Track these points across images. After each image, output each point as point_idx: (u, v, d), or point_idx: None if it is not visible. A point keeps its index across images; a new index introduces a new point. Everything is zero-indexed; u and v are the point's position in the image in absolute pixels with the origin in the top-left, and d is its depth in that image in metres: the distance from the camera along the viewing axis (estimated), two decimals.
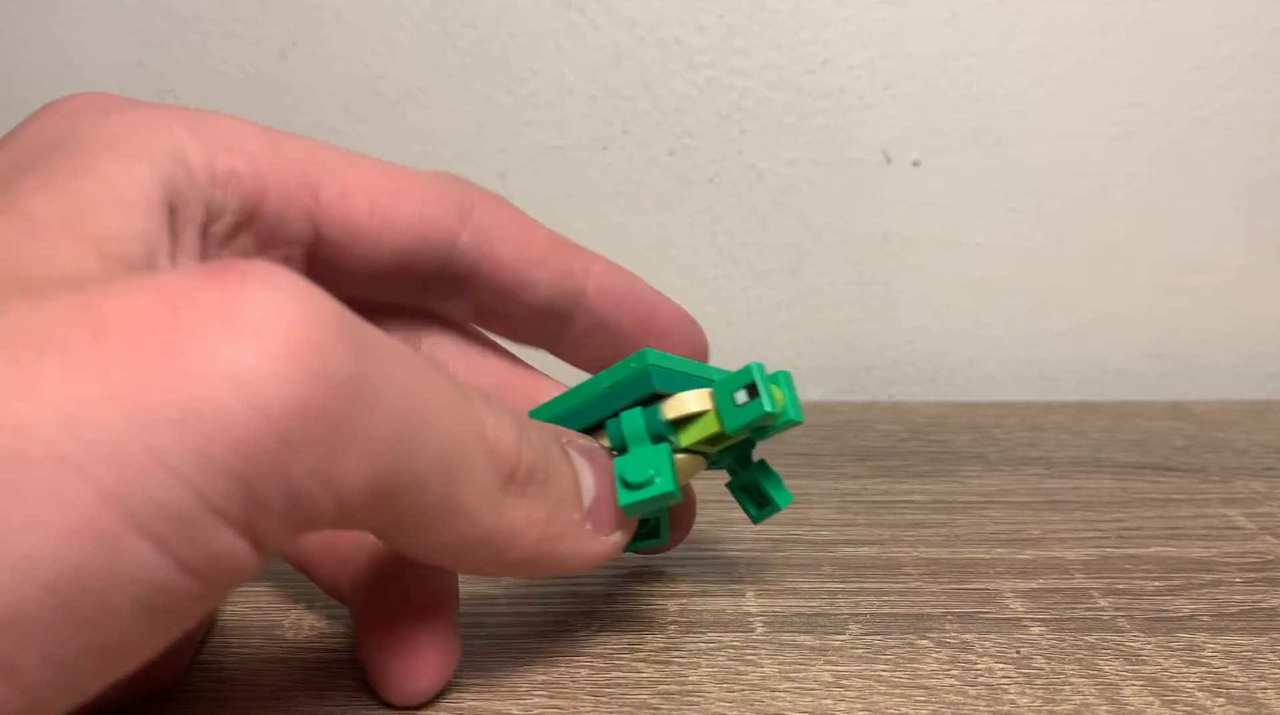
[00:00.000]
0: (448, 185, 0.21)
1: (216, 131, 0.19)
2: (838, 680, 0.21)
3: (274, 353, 0.13)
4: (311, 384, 0.13)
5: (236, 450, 0.13)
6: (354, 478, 0.14)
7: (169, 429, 0.12)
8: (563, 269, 0.22)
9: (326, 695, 0.20)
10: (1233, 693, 0.20)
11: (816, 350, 0.42)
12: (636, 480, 0.20)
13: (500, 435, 0.17)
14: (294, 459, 0.13)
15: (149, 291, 0.13)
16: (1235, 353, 0.42)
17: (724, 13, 0.38)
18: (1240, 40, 0.39)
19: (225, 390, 0.13)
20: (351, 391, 0.14)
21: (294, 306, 0.14)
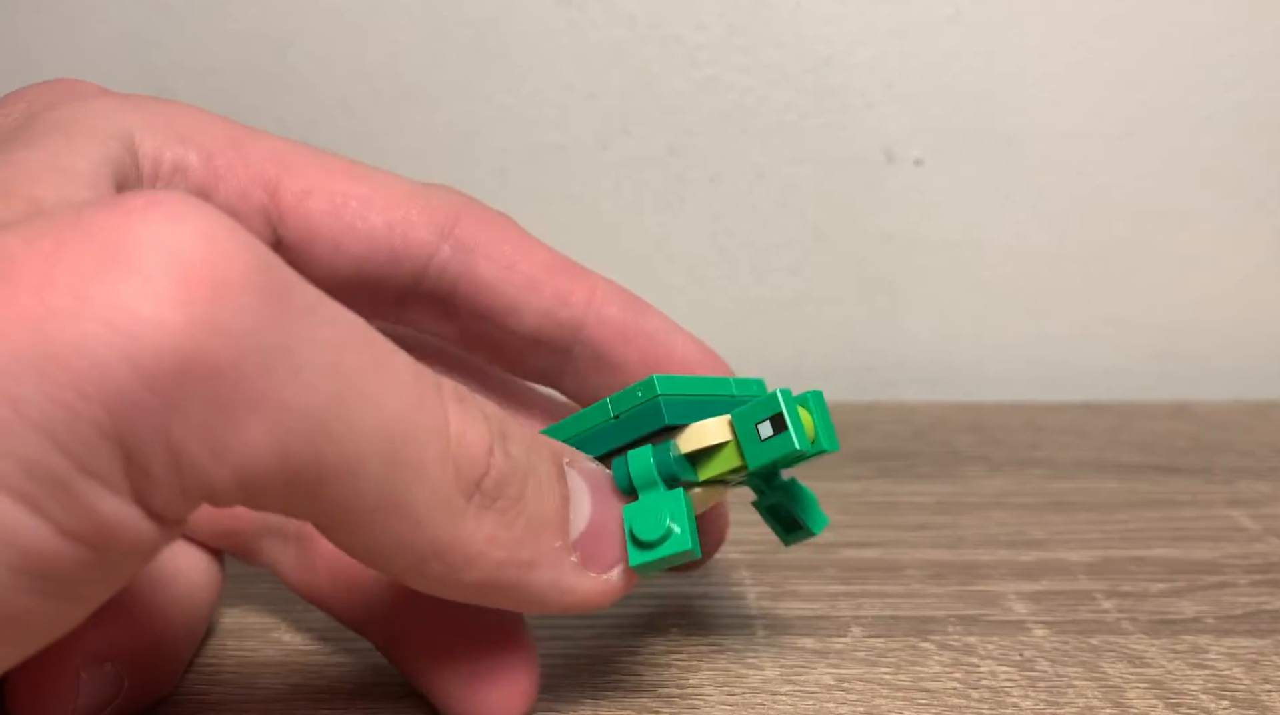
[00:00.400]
0: (432, 195, 0.20)
1: (174, 123, 0.18)
2: (840, 683, 0.21)
3: (159, 295, 0.11)
4: (201, 335, 0.12)
5: (105, 404, 0.11)
6: (254, 452, 0.13)
7: (30, 377, 0.11)
8: (557, 296, 0.20)
9: (324, 699, 0.20)
10: (1237, 695, 0.20)
11: (818, 350, 0.42)
12: (648, 537, 0.17)
13: (467, 434, 0.15)
14: (174, 420, 0.12)
15: (44, 223, 0.12)
16: (1240, 353, 0.42)
17: (725, 10, 0.38)
18: (1243, 39, 0.38)
19: (95, 335, 0.11)
20: (259, 350, 0.12)
21: (198, 243, 0.12)
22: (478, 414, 0.16)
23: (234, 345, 0.12)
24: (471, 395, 0.16)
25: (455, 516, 0.15)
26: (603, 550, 0.17)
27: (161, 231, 0.12)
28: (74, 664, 0.18)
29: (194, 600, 0.20)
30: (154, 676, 0.19)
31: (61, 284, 0.11)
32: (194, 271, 0.12)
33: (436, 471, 0.15)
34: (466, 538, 0.15)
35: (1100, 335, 0.42)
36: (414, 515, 0.15)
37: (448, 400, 0.15)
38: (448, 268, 0.20)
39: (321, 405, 0.13)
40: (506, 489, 0.16)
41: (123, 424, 0.12)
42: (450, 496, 0.15)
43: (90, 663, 0.18)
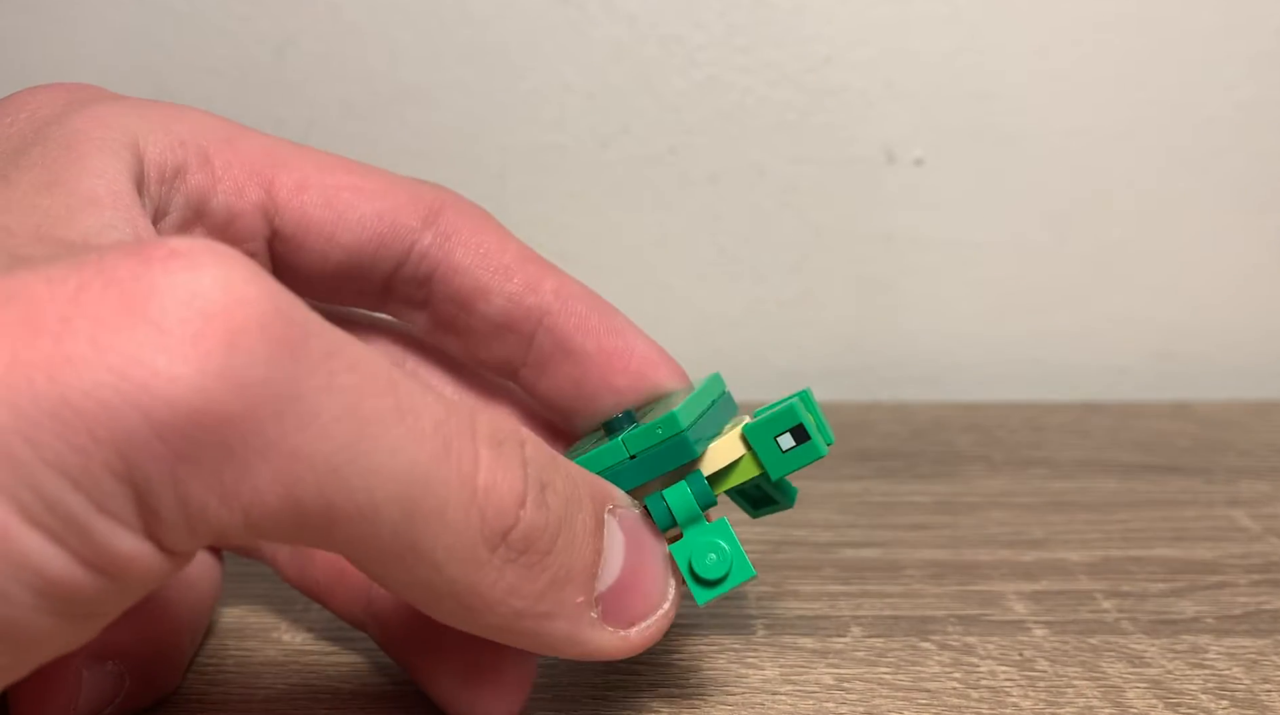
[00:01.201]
0: (420, 188, 0.21)
1: (172, 126, 0.19)
2: (839, 683, 0.21)
3: (173, 348, 0.12)
4: (212, 388, 0.12)
5: (117, 450, 0.12)
6: (264, 499, 0.13)
7: (49, 421, 0.11)
8: (526, 283, 0.21)
9: (324, 698, 0.20)
10: (1237, 695, 0.20)
11: (818, 350, 0.42)
12: (714, 576, 0.18)
13: (498, 485, 0.15)
14: (184, 469, 0.12)
15: (66, 266, 0.12)
16: (1240, 352, 0.42)
17: (725, 10, 0.38)
18: (1245, 39, 0.38)
19: (109, 384, 0.12)
20: (270, 400, 0.12)
21: (218, 292, 0.12)
22: (515, 461, 0.15)
23: (246, 395, 0.12)
24: (513, 436, 0.16)
25: (477, 567, 0.15)
26: (626, 607, 0.17)
27: (180, 281, 0.12)
28: (75, 662, 0.18)
29: (195, 599, 0.20)
30: (155, 675, 0.19)
31: (80, 331, 0.12)
32: (209, 322, 0.12)
33: (459, 522, 0.15)
34: (487, 587, 0.15)
35: (1100, 335, 0.42)
36: (432, 560, 0.15)
37: (481, 446, 0.15)
38: (427, 254, 0.20)
39: (334, 453, 0.13)
40: (535, 543, 0.16)
41: (134, 468, 0.12)
42: (473, 547, 0.15)
43: (91, 661, 0.18)
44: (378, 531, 0.14)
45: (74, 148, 0.17)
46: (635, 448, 0.18)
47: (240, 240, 0.19)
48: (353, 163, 0.20)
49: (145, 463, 0.12)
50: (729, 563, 0.18)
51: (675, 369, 0.21)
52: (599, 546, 0.17)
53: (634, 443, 0.18)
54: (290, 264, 0.20)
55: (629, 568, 0.17)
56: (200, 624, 0.21)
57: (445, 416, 0.15)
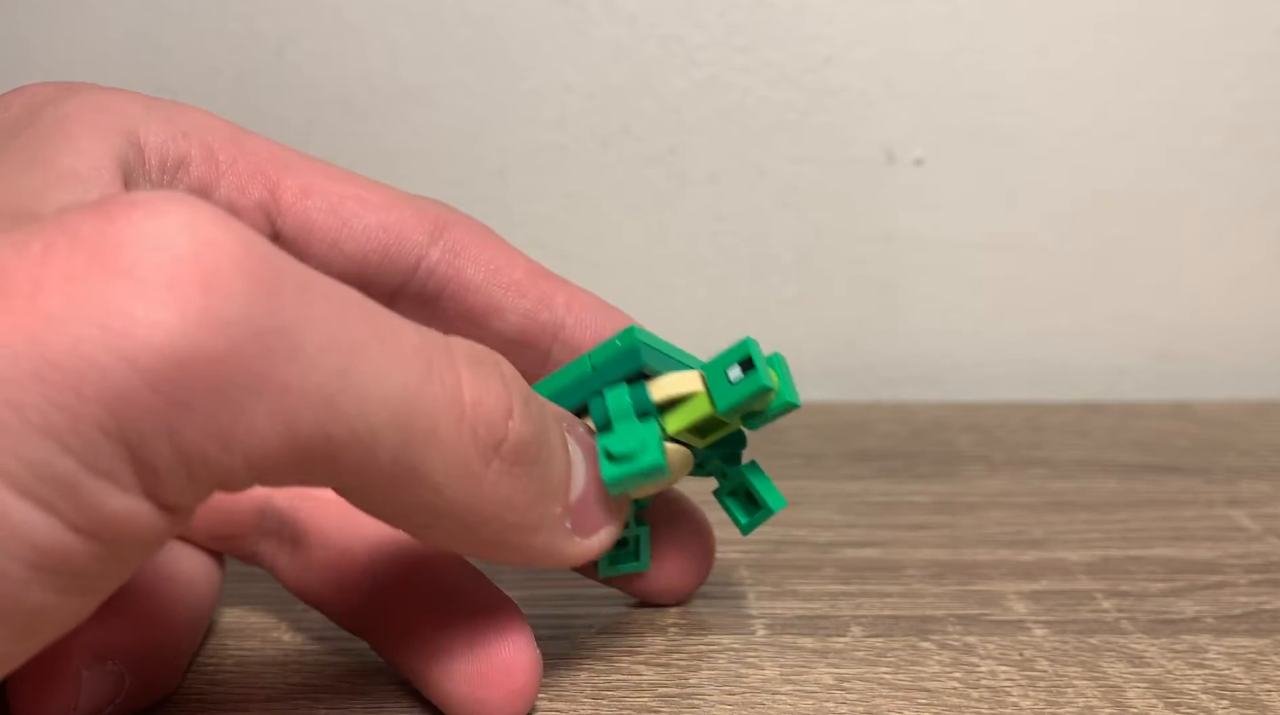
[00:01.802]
0: (425, 204, 0.21)
1: (175, 118, 0.18)
2: (839, 683, 0.21)
3: (149, 294, 0.12)
4: (199, 330, 0.12)
5: (107, 407, 0.11)
6: (261, 436, 0.13)
7: (31, 382, 0.11)
8: (540, 299, 0.21)
9: (324, 698, 0.20)
10: (1237, 695, 0.20)
11: (818, 350, 0.42)
12: (621, 451, 0.18)
13: (484, 398, 0.15)
14: (180, 417, 0.12)
15: (31, 230, 0.12)
16: (1240, 352, 0.42)
17: (725, 10, 0.38)
18: (1245, 39, 0.38)
19: (90, 337, 0.11)
20: (254, 336, 0.12)
21: (183, 237, 0.12)
22: (495, 377, 0.16)
23: (229, 334, 0.12)
24: (488, 355, 0.16)
25: (473, 481, 0.15)
26: (590, 516, 0.18)
27: (146, 229, 0.12)
28: (75, 662, 0.18)
29: (195, 598, 0.20)
30: (156, 675, 0.19)
31: (53, 289, 0.11)
32: (182, 266, 0.12)
33: (453, 439, 0.15)
34: (484, 501, 0.16)
35: (1100, 335, 0.42)
36: (431, 481, 0.15)
37: (461, 366, 0.15)
38: (436, 270, 0.20)
39: (324, 383, 0.13)
40: (525, 452, 0.16)
41: (126, 423, 0.12)
42: (468, 462, 0.15)
43: (91, 660, 0.18)
44: (377, 458, 0.14)
45: (63, 129, 0.16)
46: (596, 359, 0.19)
47: None
48: (357, 175, 0.20)
49: (137, 416, 0.12)
50: (639, 443, 0.18)
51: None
52: (567, 458, 0.18)
53: (596, 355, 0.19)
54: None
55: (590, 480, 0.18)
56: (200, 624, 0.21)
57: (421, 341, 0.15)
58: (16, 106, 0.18)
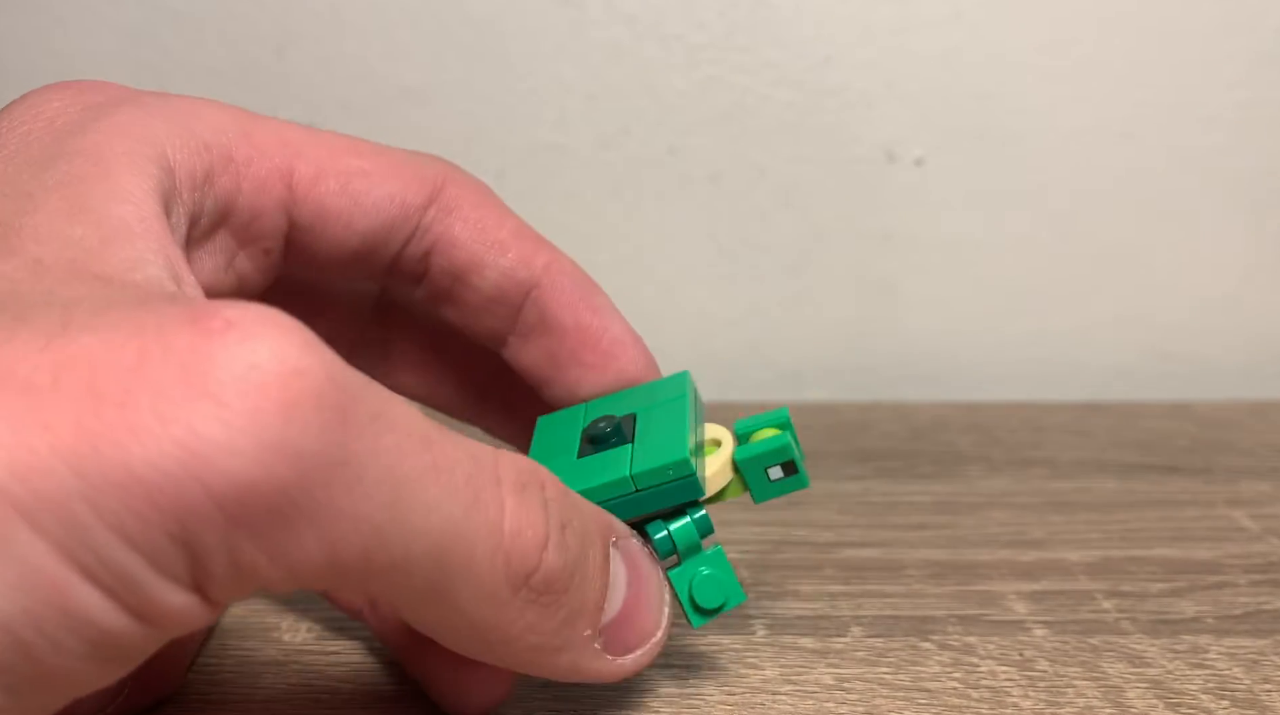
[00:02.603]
0: (422, 164, 0.21)
1: (195, 129, 0.19)
2: (840, 683, 0.21)
3: (232, 420, 0.12)
4: (269, 460, 0.12)
5: (176, 517, 0.12)
6: (309, 556, 0.13)
7: (113, 490, 0.12)
8: (520, 257, 0.21)
9: (324, 698, 0.20)
10: (1237, 695, 0.20)
11: (819, 350, 0.42)
12: (712, 606, 0.19)
13: (523, 530, 0.16)
14: (239, 535, 0.13)
15: (124, 329, 0.13)
16: (1240, 352, 0.42)
17: (725, 9, 0.38)
18: (1246, 39, 0.38)
19: (171, 456, 0.12)
20: (320, 468, 0.13)
21: (273, 364, 0.13)
22: (537, 505, 0.16)
23: (300, 465, 0.13)
24: (534, 480, 0.16)
25: (499, 607, 0.16)
26: (625, 636, 0.18)
27: (237, 354, 0.13)
28: None
29: None
30: (157, 676, 0.19)
31: (143, 402, 0.12)
32: (266, 396, 0.12)
33: (485, 568, 0.15)
34: (507, 624, 0.16)
35: (1100, 335, 0.42)
36: (458, 603, 0.15)
37: (506, 494, 0.16)
38: (429, 228, 0.21)
39: (374, 513, 0.14)
40: (554, 584, 0.16)
41: (191, 534, 0.12)
42: (497, 590, 0.16)
43: None
44: (410, 580, 0.15)
45: (100, 163, 0.17)
46: (642, 484, 0.19)
47: (263, 237, 0.20)
48: (358, 142, 0.21)
49: (202, 530, 0.12)
50: (726, 592, 0.19)
51: (644, 355, 0.22)
52: (606, 580, 0.18)
53: (641, 479, 0.19)
54: (306, 251, 0.20)
55: (630, 599, 0.18)
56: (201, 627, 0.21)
57: (474, 469, 0.15)
58: (39, 127, 0.18)
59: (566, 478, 0.18)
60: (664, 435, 0.19)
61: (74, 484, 0.12)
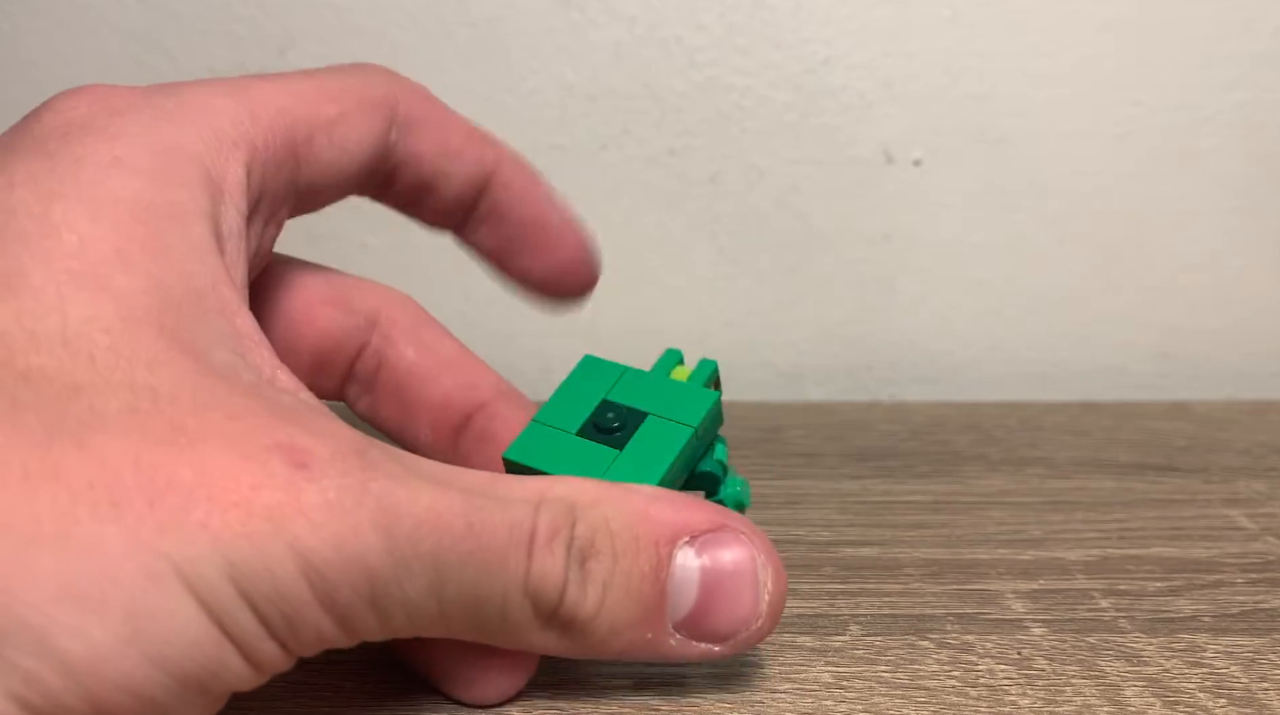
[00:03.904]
0: (374, 85, 0.22)
1: (221, 128, 0.19)
2: (838, 681, 0.21)
3: (324, 540, 0.15)
4: (347, 569, 0.16)
5: (291, 604, 0.15)
6: (373, 630, 0.17)
7: (251, 579, 0.15)
8: (475, 159, 0.23)
9: (325, 697, 0.20)
10: (1234, 693, 0.20)
11: (817, 350, 0.42)
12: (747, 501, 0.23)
13: (548, 576, 0.17)
14: (325, 619, 0.16)
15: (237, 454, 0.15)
16: (1237, 352, 0.42)
17: (724, 11, 0.38)
18: (1242, 40, 0.39)
19: (289, 563, 0.15)
20: (382, 574, 0.16)
21: (345, 500, 0.16)
22: (560, 548, 0.18)
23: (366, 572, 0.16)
24: (567, 522, 0.18)
25: (531, 635, 0.18)
26: (710, 627, 0.19)
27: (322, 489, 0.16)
28: None
29: None
30: None
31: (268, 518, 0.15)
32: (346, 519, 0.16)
33: (517, 613, 0.18)
34: (548, 646, 0.18)
35: (1098, 335, 0.42)
36: (493, 638, 0.18)
37: (536, 547, 0.17)
38: (395, 147, 0.22)
39: (421, 597, 0.17)
40: (579, 613, 0.18)
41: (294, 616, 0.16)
42: (528, 626, 0.18)
43: None
44: (450, 628, 0.18)
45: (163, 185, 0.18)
46: (695, 420, 0.21)
47: (278, 210, 0.21)
48: (319, 79, 0.21)
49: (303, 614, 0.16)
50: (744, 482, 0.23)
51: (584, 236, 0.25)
52: (660, 588, 0.18)
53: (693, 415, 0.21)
54: (303, 202, 0.22)
55: (706, 592, 0.19)
56: None
57: (509, 538, 0.17)
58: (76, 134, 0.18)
59: (553, 451, 0.21)
60: (648, 459, 0.21)
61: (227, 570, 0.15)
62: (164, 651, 0.15)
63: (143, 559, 0.14)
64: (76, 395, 0.15)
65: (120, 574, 0.14)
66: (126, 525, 0.14)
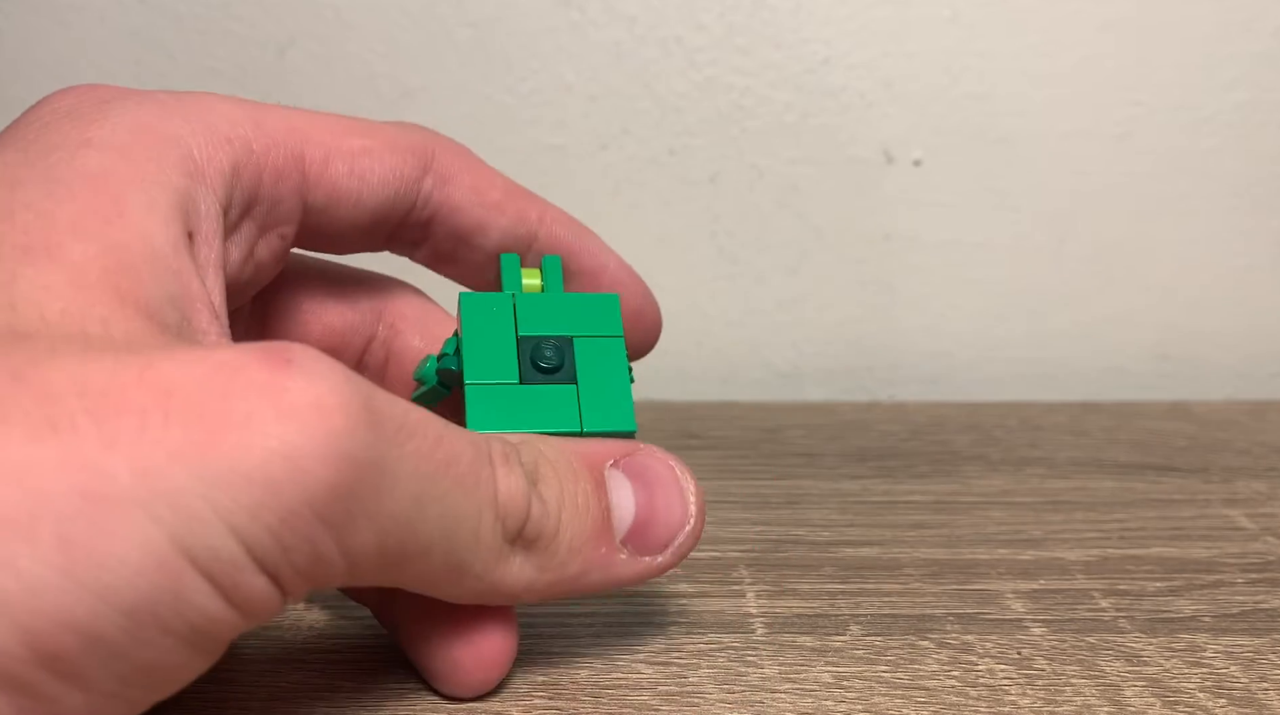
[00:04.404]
0: (411, 135, 0.22)
1: (212, 121, 0.19)
2: (838, 681, 0.21)
3: (315, 435, 0.15)
4: (341, 466, 0.15)
5: (279, 515, 0.14)
6: (365, 548, 0.16)
7: (226, 490, 0.14)
8: (517, 215, 0.23)
9: (324, 696, 0.20)
10: (1234, 694, 0.20)
11: (817, 350, 0.42)
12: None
13: (514, 496, 0.18)
14: (320, 528, 0.15)
15: (208, 365, 0.15)
16: (1237, 352, 0.42)
17: (724, 11, 0.38)
18: (1242, 40, 0.39)
19: (275, 464, 0.14)
20: (372, 475, 0.15)
21: (332, 396, 0.15)
22: (517, 468, 0.18)
23: (360, 472, 0.15)
24: (514, 447, 0.19)
25: (504, 562, 0.18)
26: (652, 537, 0.20)
27: (306, 384, 0.15)
28: None
29: None
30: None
31: (245, 423, 0.14)
32: (333, 416, 0.15)
33: (489, 535, 0.18)
34: (515, 576, 0.18)
35: (1098, 335, 0.42)
36: (473, 571, 0.18)
37: (497, 466, 0.18)
38: (430, 198, 0.22)
39: (407, 510, 0.16)
40: (544, 529, 0.18)
41: (287, 529, 0.14)
42: (499, 549, 0.18)
43: None
44: (433, 562, 0.17)
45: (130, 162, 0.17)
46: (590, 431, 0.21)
47: (279, 223, 0.21)
48: (353, 121, 0.22)
49: (296, 525, 0.15)
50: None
51: (641, 287, 0.24)
52: (604, 504, 0.19)
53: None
54: (318, 231, 0.22)
55: (642, 505, 0.20)
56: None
57: (474, 455, 0.17)
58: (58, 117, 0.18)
59: (515, 408, 0.21)
60: (609, 387, 0.21)
61: (192, 485, 0.14)
62: (106, 580, 0.13)
63: (78, 478, 0.13)
64: (24, 342, 0.15)
65: (52, 494, 0.13)
66: (64, 444, 0.13)
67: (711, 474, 0.32)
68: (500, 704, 0.20)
